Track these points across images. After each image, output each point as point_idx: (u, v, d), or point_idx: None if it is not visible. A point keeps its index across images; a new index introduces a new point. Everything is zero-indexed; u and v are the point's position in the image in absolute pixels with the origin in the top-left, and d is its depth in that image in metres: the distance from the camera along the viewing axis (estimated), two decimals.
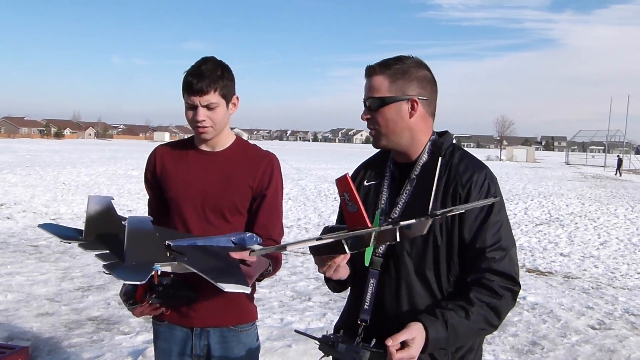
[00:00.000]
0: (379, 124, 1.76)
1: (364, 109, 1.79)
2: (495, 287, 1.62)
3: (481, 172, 1.73)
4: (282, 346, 4.34)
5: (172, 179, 2.11)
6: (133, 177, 20.54)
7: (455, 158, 1.78)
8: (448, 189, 1.71)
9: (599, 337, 5.31)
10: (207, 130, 2.03)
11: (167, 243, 1.64)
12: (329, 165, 33.36)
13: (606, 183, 28.24)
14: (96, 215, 1.66)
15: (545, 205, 16.44)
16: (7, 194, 14.55)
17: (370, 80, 1.77)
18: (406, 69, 1.75)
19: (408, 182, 1.78)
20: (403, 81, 1.74)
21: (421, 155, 1.79)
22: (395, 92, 1.74)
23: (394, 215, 1.74)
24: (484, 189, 1.70)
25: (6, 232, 9.54)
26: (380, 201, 1.81)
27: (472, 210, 1.67)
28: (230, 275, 1.58)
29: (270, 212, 2.11)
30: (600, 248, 10.13)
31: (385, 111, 1.74)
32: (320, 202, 15.37)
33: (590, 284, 7.43)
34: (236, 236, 1.85)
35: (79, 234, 1.66)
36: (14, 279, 6.50)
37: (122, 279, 1.46)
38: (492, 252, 1.65)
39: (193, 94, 1.98)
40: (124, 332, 4.92)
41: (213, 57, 2.07)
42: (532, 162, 56.70)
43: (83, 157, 34.69)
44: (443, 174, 1.74)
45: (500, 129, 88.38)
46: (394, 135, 1.78)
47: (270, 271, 1.98)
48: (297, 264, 7.77)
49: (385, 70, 1.74)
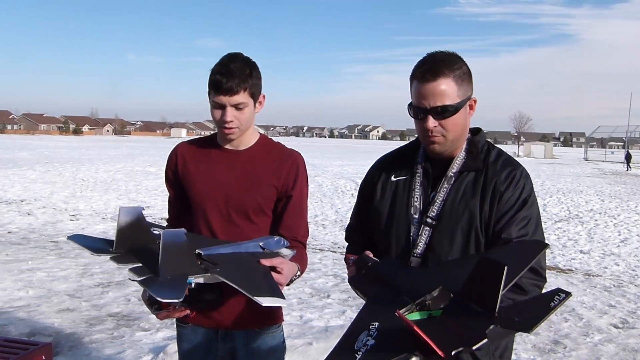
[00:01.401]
0: (448, 131, 1.67)
1: (430, 117, 1.65)
2: (523, 284, 1.59)
3: (518, 170, 1.72)
4: (302, 344, 4.34)
5: (195, 179, 2.06)
6: (150, 174, 20.68)
7: (492, 156, 1.76)
8: (487, 187, 1.69)
9: (622, 337, 5.23)
10: (234, 131, 1.98)
11: (198, 252, 1.62)
12: (345, 162, 33.28)
13: (626, 179, 27.82)
14: (127, 226, 1.63)
15: (564, 201, 16.24)
16: (27, 190, 14.74)
17: (435, 84, 1.63)
18: (464, 67, 1.69)
19: (445, 179, 1.73)
20: (467, 82, 1.69)
21: (459, 153, 1.76)
22: (463, 95, 1.67)
23: (431, 214, 1.71)
24: (520, 186, 1.69)
25: (27, 227, 9.65)
26: (413, 198, 1.76)
27: (505, 204, 1.66)
28: (265, 288, 1.56)
29: (295, 213, 2.07)
30: (620, 245, 9.98)
31: (457, 117, 1.67)
32: (337, 198, 15.34)
33: (611, 282, 7.32)
34: (264, 241, 1.83)
35: (109, 246, 1.64)
36: (35, 274, 6.57)
37: (159, 297, 1.43)
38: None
39: (222, 94, 1.90)
40: (144, 329, 4.95)
41: (240, 53, 2.00)
42: (550, 158, 56.10)
43: (101, 154, 35.03)
44: (481, 173, 1.72)
45: (518, 125, 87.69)
46: (459, 139, 1.73)
47: (299, 275, 1.94)
48: (315, 260, 7.76)
49: (451, 73, 1.64)
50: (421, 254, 1.70)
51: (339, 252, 8.41)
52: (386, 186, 1.84)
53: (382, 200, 1.84)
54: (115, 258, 1.59)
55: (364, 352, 1.21)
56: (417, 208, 1.74)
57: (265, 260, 1.72)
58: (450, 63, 1.65)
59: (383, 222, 1.82)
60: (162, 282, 1.47)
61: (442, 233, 1.69)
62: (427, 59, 1.68)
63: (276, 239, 1.86)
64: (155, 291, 1.44)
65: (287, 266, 1.78)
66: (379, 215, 1.84)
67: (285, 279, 1.76)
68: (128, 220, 1.63)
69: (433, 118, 1.65)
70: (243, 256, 1.73)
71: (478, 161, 1.73)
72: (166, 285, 1.46)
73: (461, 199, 1.69)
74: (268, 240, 1.84)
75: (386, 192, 1.84)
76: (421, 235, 1.71)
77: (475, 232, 1.67)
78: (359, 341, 1.26)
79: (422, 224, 1.72)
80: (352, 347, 1.25)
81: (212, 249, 1.68)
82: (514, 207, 1.66)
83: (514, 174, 1.70)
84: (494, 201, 1.67)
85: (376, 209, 1.85)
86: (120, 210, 1.64)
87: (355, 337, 1.28)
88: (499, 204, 1.67)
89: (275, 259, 1.76)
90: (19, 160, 26.07)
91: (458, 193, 1.70)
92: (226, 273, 1.56)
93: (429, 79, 1.63)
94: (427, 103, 1.64)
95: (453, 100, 1.64)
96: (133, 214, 1.65)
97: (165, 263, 1.48)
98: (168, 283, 1.47)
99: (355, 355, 1.22)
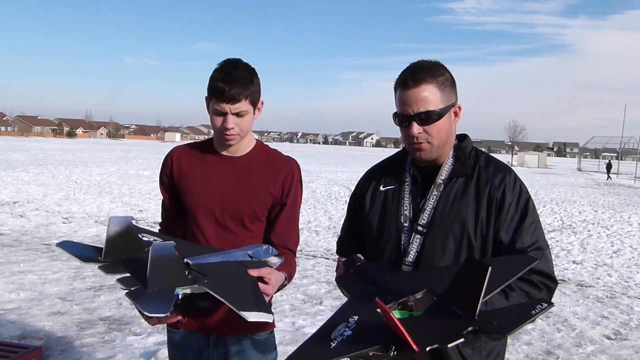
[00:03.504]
0: (433, 137, 1.68)
1: (414, 124, 1.66)
2: (535, 281, 1.63)
3: (511, 174, 1.74)
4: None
5: (191, 184, 2.05)
6: (144, 177, 20.63)
7: (482, 161, 1.76)
8: (482, 193, 1.69)
9: (615, 348, 5.23)
10: (235, 137, 1.97)
11: (186, 261, 1.62)
12: (339, 168, 33.32)
13: (619, 190, 27.97)
14: (116, 236, 1.62)
15: (557, 211, 16.30)
16: (20, 192, 14.66)
17: (417, 90, 1.65)
18: (446, 74, 1.70)
19: (434, 186, 1.73)
20: (450, 89, 1.70)
21: (447, 159, 1.76)
22: (447, 101, 1.68)
23: (422, 222, 1.71)
24: (517, 190, 1.70)
25: (19, 230, 9.59)
26: (403, 207, 1.76)
27: (507, 212, 1.67)
28: (252, 301, 1.56)
29: (288, 220, 2.06)
30: (613, 256, 10.00)
31: (441, 123, 1.68)
32: (330, 204, 15.33)
33: (604, 293, 7.34)
34: (253, 249, 1.82)
35: (98, 254, 1.62)
36: (27, 277, 6.53)
37: (145, 311, 1.43)
38: (532, 252, 1.64)
39: (224, 101, 1.89)
40: (135, 333, 4.92)
41: (240, 59, 1.99)
42: (543, 168, 56.34)
43: (95, 157, 34.91)
44: (472, 179, 1.72)
45: (512, 134, 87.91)
46: (445, 146, 1.74)
47: (286, 284, 1.94)
48: (308, 267, 7.75)
49: (434, 80, 1.66)
50: (413, 262, 1.70)
51: (331, 259, 8.39)
52: (375, 196, 1.85)
53: (371, 210, 1.84)
54: (103, 267, 1.58)
55: (339, 341, 1.23)
56: (407, 216, 1.74)
57: (253, 271, 1.71)
58: (433, 70, 1.67)
59: (373, 231, 1.82)
60: (150, 295, 1.46)
61: (434, 241, 1.69)
62: (410, 67, 1.70)
63: (264, 247, 1.85)
64: (142, 305, 1.43)
65: (274, 276, 1.78)
66: (369, 225, 1.84)
67: (272, 289, 1.76)
68: (118, 230, 1.62)
69: (417, 124, 1.66)
70: (232, 266, 1.72)
71: (466, 167, 1.74)
72: (153, 299, 1.45)
73: (451, 205, 1.70)
74: (257, 249, 1.83)
75: (375, 201, 1.84)
76: (412, 244, 1.71)
77: (467, 239, 1.67)
78: (336, 331, 1.28)
79: (413, 232, 1.72)
80: (328, 336, 1.27)
81: (201, 258, 1.67)
82: (518, 213, 1.68)
83: (508, 179, 1.71)
84: (492, 207, 1.68)
85: (366, 219, 1.85)
86: (110, 220, 1.62)
87: (333, 328, 1.30)
88: (500, 211, 1.67)
89: (263, 269, 1.76)
90: (12, 161, 25.96)
91: (448, 200, 1.70)
92: (214, 285, 1.55)
93: (412, 85, 1.65)
94: (410, 109, 1.66)
95: (436, 106, 1.65)
96: (123, 224, 1.64)
97: (153, 276, 1.48)
98: (155, 296, 1.46)
99: (330, 343, 1.23)
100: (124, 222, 1.64)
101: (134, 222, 1.71)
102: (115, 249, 1.61)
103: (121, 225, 1.64)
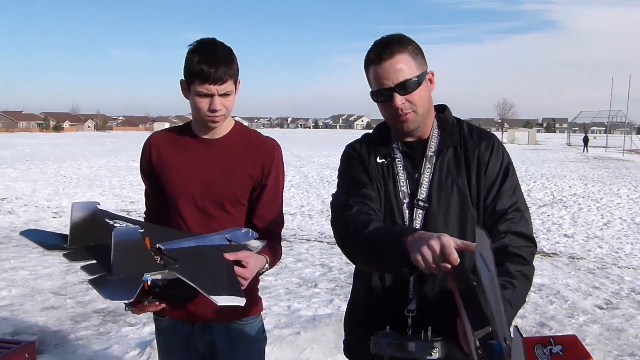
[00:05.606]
0: (417, 106, 1.67)
1: (396, 95, 1.64)
2: (524, 254, 1.62)
3: (495, 139, 1.77)
4: (290, 334, 4.32)
5: (171, 170, 2.01)
6: (134, 169, 20.46)
7: (465, 129, 1.78)
8: (471, 160, 1.71)
9: (606, 317, 5.30)
10: (221, 118, 1.92)
11: (158, 246, 1.56)
12: (330, 152, 33.25)
13: (608, 164, 28.15)
14: (81, 222, 1.57)
15: (548, 187, 16.40)
16: (8, 188, 14.51)
17: (393, 61, 1.63)
18: (414, 44, 1.71)
19: (426, 159, 1.72)
20: (421, 56, 1.70)
21: (432, 131, 1.76)
22: (421, 68, 1.69)
23: (421, 196, 1.69)
24: (500, 155, 1.73)
25: (8, 226, 9.52)
26: (399, 182, 1.73)
27: (490, 176, 1.69)
28: (224, 285, 1.52)
29: (269, 203, 2.02)
30: (603, 228, 10.10)
31: (421, 91, 1.67)
32: (322, 188, 15.33)
33: (595, 264, 7.41)
34: (231, 233, 1.77)
35: (63, 241, 1.57)
36: (18, 273, 6.49)
37: (109, 298, 1.36)
38: (511, 213, 1.66)
39: (210, 83, 1.83)
40: (130, 324, 4.91)
41: (215, 38, 1.94)
42: (533, 144, 56.55)
43: (83, 150, 34.62)
44: (460, 147, 1.73)
45: (502, 112, 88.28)
46: (429, 114, 1.74)
47: (268, 268, 1.90)
48: (302, 250, 7.75)
49: (405, 49, 1.65)
50: None
51: (325, 242, 8.41)
52: (375, 167, 1.77)
53: (372, 183, 1.76)
54: (68, 255, 1.53)
55: None
56: (405, 192, 1.72)
57: (229, 255, 1.67)
58: (402, 41, 1.67)
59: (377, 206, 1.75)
60: (114, 281, 1.40)
61: (436, 214, 1.68)
62: (379, 42, 1.69)
63: (244, 230, 1.80)
64: (105, 291, 1.37)
65: (252, 259, 1.74)
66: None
67: (250, 273, 1.72)
68: (82, 216, 1.57)
69: (399, 95, 1.64)
70: (206, 250, 1.67)
71: (454, 136, 1.75)
72: (118, 285, 1.39)
73: (447, 176, 1.69)
74: (235, 233, 1.78)
75: (375, 174, 1.76)
76: (415, 220, 1.69)
77: (468, 208, 1.67)
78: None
79: (415, 207, 1.70)
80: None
81: (174, 243, 1.62)
82: (499, 177, 1.70)
83: (493, 143, 1.74)
84: (480, 172, 1.69)
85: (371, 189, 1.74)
86: (73, 206, 1.57)
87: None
88: (485, 175, 1.69)
89: (240, 252, 1.71)
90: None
91: (442, 171, 1.70)
92: (184, 270, 1.50)
93: (386, 58, 1.64)
94: (389, 82, 1.64)
95: (413, 74, 1.65)
96: (87, 209, 1.59)
97: (118, 262, 1.42)
98: (120, 282, 1.40)
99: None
100: (88, 208, 1.60)
101: (99, 207, 1.65)
102: (80, 235, 1.56)
103: (85, 211, 1.59)
